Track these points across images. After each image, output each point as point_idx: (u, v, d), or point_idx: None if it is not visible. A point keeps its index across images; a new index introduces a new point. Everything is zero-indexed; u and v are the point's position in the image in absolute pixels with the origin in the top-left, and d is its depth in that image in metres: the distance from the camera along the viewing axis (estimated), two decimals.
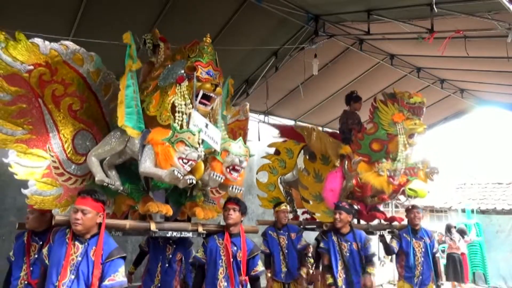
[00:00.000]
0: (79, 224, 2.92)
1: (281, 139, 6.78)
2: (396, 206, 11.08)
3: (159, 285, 4.29)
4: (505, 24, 5.36)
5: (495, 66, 7.41)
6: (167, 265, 4.32)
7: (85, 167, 3.63)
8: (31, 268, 3.66)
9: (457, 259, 10.13)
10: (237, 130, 4.85)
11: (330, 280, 4.97)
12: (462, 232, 10.53)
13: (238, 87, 8.41)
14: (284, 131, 6.76)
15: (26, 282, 3.64)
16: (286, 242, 5.47)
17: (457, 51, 6.48)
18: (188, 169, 3.25)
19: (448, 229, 10.67)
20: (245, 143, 4.78)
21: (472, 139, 34.28)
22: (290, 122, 10.08)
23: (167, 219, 3.95)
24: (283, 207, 5.62)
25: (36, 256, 3.68)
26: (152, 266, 4.38)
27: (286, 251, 5.44)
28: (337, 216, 4.91)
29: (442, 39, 5.85)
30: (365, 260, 4.92)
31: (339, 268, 4.93)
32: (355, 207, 5.50)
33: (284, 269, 5.39)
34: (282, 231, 5.53)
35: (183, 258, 4.49)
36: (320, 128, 9.57)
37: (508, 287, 11.03)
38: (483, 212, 12.04)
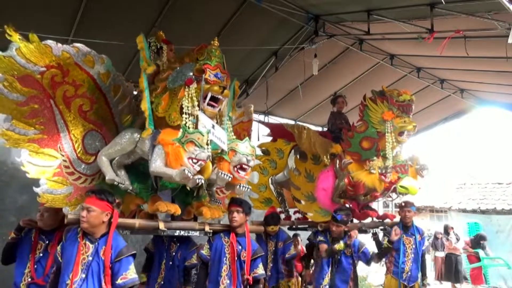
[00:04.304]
0: (84, 222, 3.07)
1: (272, 139, 6.74)
2: (397, 206, 11.20)
3: (162, 282, 4.39)
4: (505, 24, 5.43)
5: (495, 66, 7.48)
6: (170, 262, 4.42)
7: (95, 166, 3.75)
8: (35, 266, 3.73)
9: (454, 259, 10.28)
10: (241, 132, 4.96)
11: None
12: (481, 239, 10.58)
13: (238, 87, 8.43)
14: (274, 130, 6.77)
15: (30, 279, 3.72)
16: (273, 248, 5.50)
17: (457, 51, 6.56)
18: (198, 169, 3.36)
19: (446, 229, 10.81)
20: None
21: (472, 139, 34.42)
22: (290, 122, 10.12)
23: (173, 218, 4.06)
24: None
25: (41, 255, 3.77)
26: (156, 264, 4.49)
27: (272, 256, 5.48)
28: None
29: (442, 39, 5.93)
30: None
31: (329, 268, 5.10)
32: (347, 205, 5.61)
33: (268, 273, 5.41)
34: (272, 237, 5.55)
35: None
36: (320, 128, 9.68)
37: (508, 287, 11.14)
38: (483, 212, 12.17)
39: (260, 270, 4.10)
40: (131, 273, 3.09)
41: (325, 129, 9.29)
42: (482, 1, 5.19)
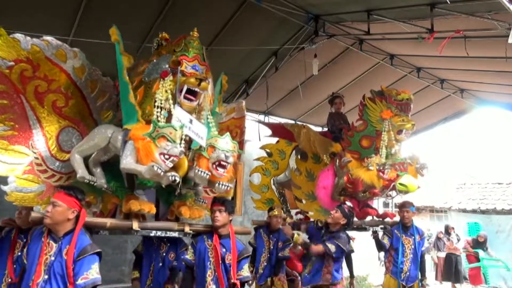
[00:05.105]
0: (48, 217, 2.81)
1: (273, 138, 6.72)
2: (397, 206, 10.98)
3: (151, 284, 4.08)
4: (505, 24, 5.28)
5: (495, 66, 7.30)
6: (160, 264, 4.11)
7: (70, 164, 3.47)
8: (14, 266, 3.54)
9: (455, 259, 10.02)
10: (233, 128, 4.64)
11: None
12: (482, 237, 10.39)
13: (238, 87, 8.31)
14: (275, 129, 6.72)
15: (10, 279, 3.52)
16: (272, 247, 5.39)
17: (457, 51, 6.39)
18: (170, 165, 3.06)
19: (446, 229, 10.55)
20: (242, 141, 4.60)
21: (472, 139, 33.87)
22: (290, 122, 9.93)
23: (157, 218, 3.78)
24: (276, 212, 5.46)
25: (19, 254, 3.54)
26: (145, 265, 4.16)
27: (268, 255, 5.36)
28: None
29: (442, 39, 5.79)
30: None
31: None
32: (348, 203, 5.46)
33: (260, 271, 5.34)
34: (272, 235, 5.43)
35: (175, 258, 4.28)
36: (320, 128, 9.46)
37: (508, 287, 10.93)
38: (483, 212, 11.98)
39: (244, 273, 3.71)
40: (93, 273, 2.77)
41: (325, 129, 9.06)
42: (482, 1, 5.07)
